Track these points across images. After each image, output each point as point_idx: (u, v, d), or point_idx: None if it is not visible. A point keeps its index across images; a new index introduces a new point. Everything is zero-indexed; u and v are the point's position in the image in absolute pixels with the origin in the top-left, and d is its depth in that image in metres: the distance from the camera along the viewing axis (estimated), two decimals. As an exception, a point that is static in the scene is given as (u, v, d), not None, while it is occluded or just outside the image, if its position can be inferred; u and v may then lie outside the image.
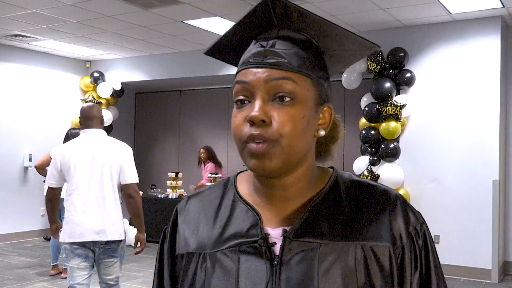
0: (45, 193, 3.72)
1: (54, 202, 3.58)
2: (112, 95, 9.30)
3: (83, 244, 3.39)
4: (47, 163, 5.05)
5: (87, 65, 9.53)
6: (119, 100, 9.68)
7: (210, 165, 8.37)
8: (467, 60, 6.39)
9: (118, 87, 9.21)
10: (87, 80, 9.33)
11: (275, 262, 0.89)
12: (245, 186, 1.00)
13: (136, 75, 9.19)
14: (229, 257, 0.92)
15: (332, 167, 1.02)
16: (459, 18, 6.35)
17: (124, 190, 3.51)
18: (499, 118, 6.22)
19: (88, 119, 3.53)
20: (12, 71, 8.39)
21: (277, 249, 0.90)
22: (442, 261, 0.98)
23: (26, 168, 8.51)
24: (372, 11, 6.11)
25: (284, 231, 0.91)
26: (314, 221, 0.92)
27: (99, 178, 3.43)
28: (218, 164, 8.47)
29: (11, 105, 8.35)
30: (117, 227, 3.47)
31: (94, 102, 9.07)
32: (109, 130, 9.37)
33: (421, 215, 0.98)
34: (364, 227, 0.92)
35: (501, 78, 6.31)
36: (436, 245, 1.08)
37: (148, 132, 10.83)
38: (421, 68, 6.63)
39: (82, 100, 9.16)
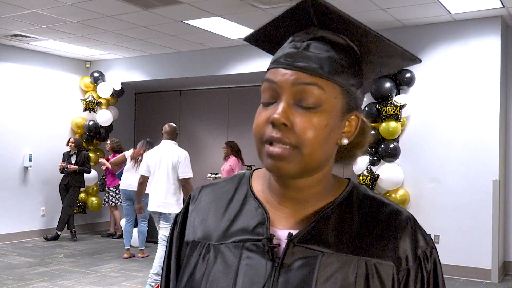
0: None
1: (144, 185, 5.62)
2: (112, 95, 9.30)
3: (154, 213, 5.54)
4: (121, 161, 7.46)
5: (87, 65, 9.53)
6: (119, 100, 9.68)
7: (232, 160, 8.05)
8: (467, 60, 6.39)
9: (118, 87, 9.21)
10: (87, 80, 9.33)
11: (276, 263, 0.89)
12: (259, 183, 1.00)
13: (136, 75, 9.19)
14: (232, 252, 0.92)
15: (348, 178, 1.00)
16: (459, 18, 6.34)
17: (181, 182, 5.46)
18: (499, 118, 6.22)
19: (166, 133, 5.60)
20: (12, 71, 8.39)
21: (280, 251, 0.90)
22: (442, 261, 0.98)
23: (26, 168, 8.51)
24: (372, 11, 6.11)
25: (290, 235, 0.90)
26: (322, 229, 0.91)
27: (166, 173, 5.42)
28: (241, 159, 8.15)
29: (11, 105, 8.35)
30: (171, 205, 5.40)
31: (93, 102, 9.08)
32: (109, 130, 9.38)
33: (432, 239, 0.96)
34: (370, 243, 0.91)
35: (501, 78, 6.30)
36: (436, 245, 1.07)
37: (148, 132, 10.81)
38: (421, 68, 6.63)
39: (82, 100, 9.17)
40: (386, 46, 0.92)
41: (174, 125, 5.71)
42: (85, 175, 8.57)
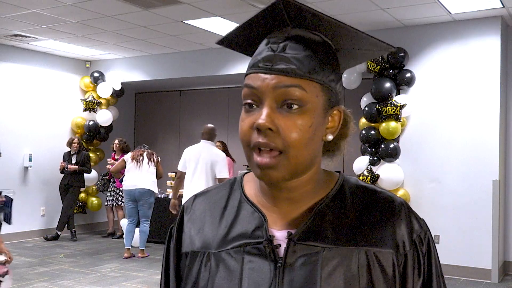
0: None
1: (181, 180, 5.95)
2: (112, 95, 9.30)
3: None
4: (121, 167, 7.18)
5: (87, 65, 9.53)
6: (119, 100, 9.68)
7: (227, 160, 8.15)
8: (467, 60, 6.38)
9: (118, 87, 9.21)
10: (87, 80, 9.33)
11: (279, 264, 0.89)
12: (251, 187, 1.00)
13: (136, 75, 9.19)
14: (233, 257, 0.93)
15: (339, 172, 1.01)
16: (459, 18, 6.34)
17: (218, 181, 5.69)
18: (499, 118, 6.22)
19: (205, 134, 5.91)
20: (12, 71, 8.39)
21: (281, 251, 0.91)
22: (442, 261, 0.99)
23: (26, 168, 8.51)
24: (372, 11, 6.11)
25: (289, 234, 0.91)
26: (319, 225, 0.92)
27: (205, 171, 5.70)
28: (233, 160, 8.28)
29: (11, 105, 8.35)
30: None
31: (96, 101, 9.07)
32: (109, 130, 9.37)
33: (425, 223, 0.98)
34: (368, 233, 0.92)
35: (501, 78, 6.30)
36: (436, 245, 1.10)
37: (148, 132, 10.83)
38: (421, 68, 6.63)
39: (82, 100, 9.16)
40: (360, 38, 0.92)
41: (212, 126, 5.99)
42: (85, 175, 8.57)
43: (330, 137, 0.93)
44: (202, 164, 5.73)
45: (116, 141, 8.51)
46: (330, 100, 0.91)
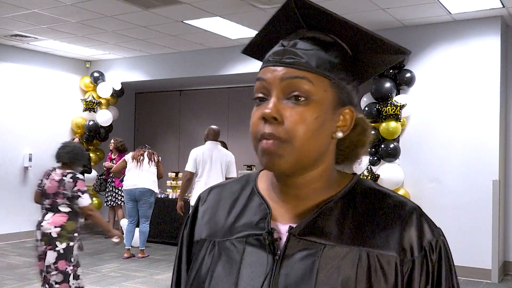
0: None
1: (190, 181, 6.02)
2: (112, 95, 9.30)
3: None
4: (121, 167, 7.17)
5: (87, 65, 9.53)
6: (119, 100, 9.68)
7: None
8: (467, 60, 6.38)
9: (118, 87, 9.21)
10: (87, 80, 9.33)
11: (277, 256, 0.90)
12: (264, 181, 1.02)
13: (136, 75, 9.19)
14: (236, 247, 0.94)
15: (355, 173, 1.01)
16: (459, 18, 6.34)
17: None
18: (499, 118, 6.22)
19: (212, 135, 6.02)
20: (12, 71, 8.39)
21: (282, 244, 0.91)
22: None
23: (26, 168, 8.50)
24: (372, 11, 6.11)
25: (290, 228, 0.91)
26: (323, 222, 0.92)
27: (220, 171, 5.88)
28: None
29: (11, 105, 8.35)
30: None
31: (90, 101, 9.06)
32: (109, 130, 9.37)
33: (441, 231, 0.95)
34: (373, 234, 0.90)
35: (501, 78, 6.30)
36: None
37: (148, 132, 10.83)
38: (421, 68, 6.63)
39: (82, 100, 9.16)
40: (376, 41, 0.92)
41: (217, 127, 6.24)
42: (85, 175, 8.56)
43: (340, 135, 0.93)
44: (216, 164, 5.91)
45: (112, 141, 8.52)
46: (341, 98, 0.91)
